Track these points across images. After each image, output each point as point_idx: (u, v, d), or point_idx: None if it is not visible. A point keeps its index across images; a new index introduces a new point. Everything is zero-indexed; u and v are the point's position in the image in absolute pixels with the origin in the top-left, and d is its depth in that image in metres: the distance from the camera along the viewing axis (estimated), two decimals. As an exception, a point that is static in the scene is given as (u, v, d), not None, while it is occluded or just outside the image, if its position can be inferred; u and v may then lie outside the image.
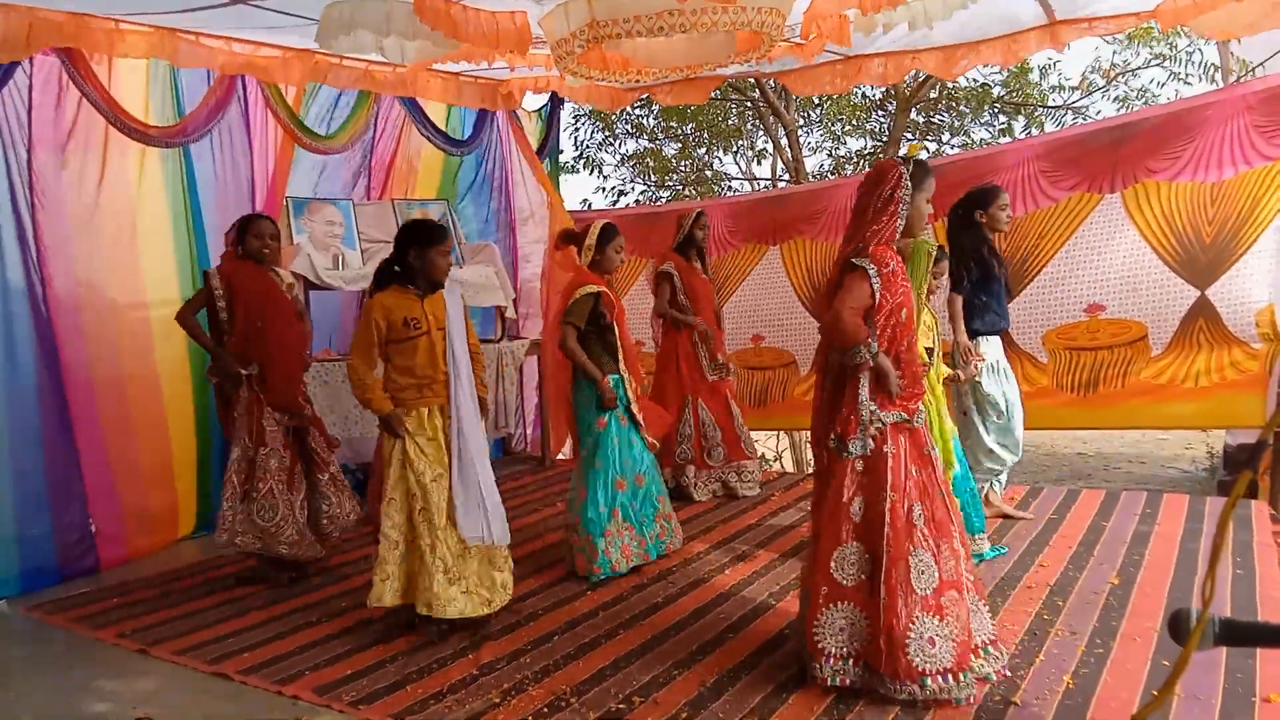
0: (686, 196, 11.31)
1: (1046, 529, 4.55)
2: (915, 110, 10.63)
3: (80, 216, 4.54)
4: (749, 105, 11.08)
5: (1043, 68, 10.53)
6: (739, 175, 12.36)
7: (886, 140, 10.66)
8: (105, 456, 4.57)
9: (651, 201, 11.42)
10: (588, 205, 11.08)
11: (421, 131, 6.16)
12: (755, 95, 10.63)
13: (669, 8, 3.36)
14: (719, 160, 12.16)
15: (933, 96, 10.59)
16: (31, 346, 4.29)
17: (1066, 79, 10.85)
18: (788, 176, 11.04)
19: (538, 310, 6.88)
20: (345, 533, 4.40)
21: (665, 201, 11.12)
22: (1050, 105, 10.57)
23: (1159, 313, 5.13)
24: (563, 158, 7.58)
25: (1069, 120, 10.21)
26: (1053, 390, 5.43)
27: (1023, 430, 4.51)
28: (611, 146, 11.83)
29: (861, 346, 2.84)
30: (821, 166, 11.70)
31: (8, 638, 3.76)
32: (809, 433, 3.14)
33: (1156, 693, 2.77)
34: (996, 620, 3.40)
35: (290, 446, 4.18)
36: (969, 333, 4.33)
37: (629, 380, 4.23)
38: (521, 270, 7.05)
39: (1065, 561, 4.05)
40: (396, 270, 3.55)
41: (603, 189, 12.70)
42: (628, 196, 11.69)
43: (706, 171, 11.85)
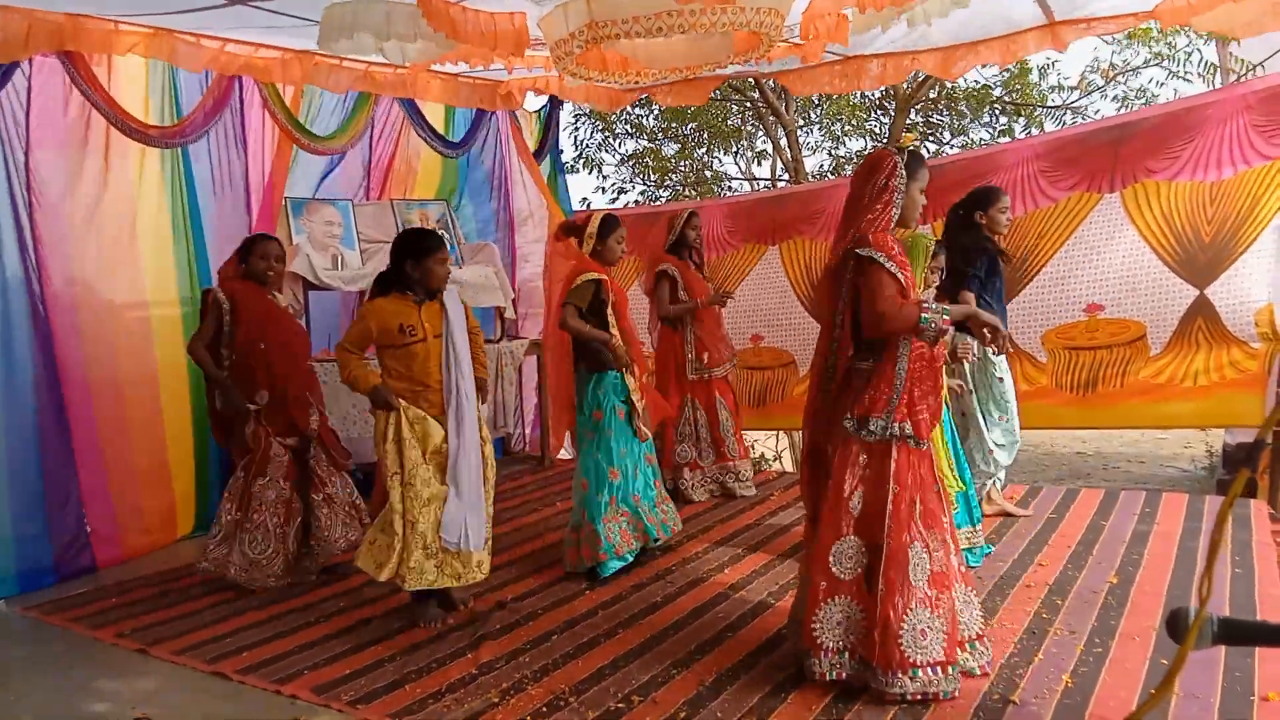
0: (686, 196, 11.30)
1: (1045, 528, 4.55)
2: (915, 110, 10.64)
3: (78, 216, 4.53)
4: (749, 106, 11.08)
5: (1042, 68, 10.56)
6: (739, 175, 12.36)
7: (886, 141, 10.66)
8: (102, 456, 4.56)
9: (651, 201, 11.42)
10: (587, 205, 11.08)
11: (419, 133, 6.16)
12: (755, 96, 10.63)
13: (668, 8, 3.35)
14: (719, 160, 12.17)
15: (932, 97, 10.60)
16: (29, 346, 4.28)
17: (1066, 79, 10.91)
18: (787, 177, 11.04)
19: (537, 310, 6.86)
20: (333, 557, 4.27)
21: (665, 201, 11.12)
22: (1050, 105, 10.57)
23: (1158, 312, 5.12)
24: (563, 158, 7.55)
25: (1068, 120, 10.21)
26: (1052, 390, 5.42)
27: (1020, 431, 4.51)
28: (611, 146, 11.85)
29: (924, 315, 2.79)
30: (821, 167, 11.71)
31: (7, 638, 3.76)
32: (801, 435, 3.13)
33: (1154, 691, 2.77)
34: (995, 619, 3.42)
35: (290, 475, 4.13)
36: (966, 332, 4.32)
37: (632, 368, 4.22)
38: (520, 270, 7.04)
39: (1064, 560, 4.06)
40: (395, 278, 3.57)
41: (602, 189, 12.71)
42: (627, 195, 11.72)
43: (706, 172, 11.85)
